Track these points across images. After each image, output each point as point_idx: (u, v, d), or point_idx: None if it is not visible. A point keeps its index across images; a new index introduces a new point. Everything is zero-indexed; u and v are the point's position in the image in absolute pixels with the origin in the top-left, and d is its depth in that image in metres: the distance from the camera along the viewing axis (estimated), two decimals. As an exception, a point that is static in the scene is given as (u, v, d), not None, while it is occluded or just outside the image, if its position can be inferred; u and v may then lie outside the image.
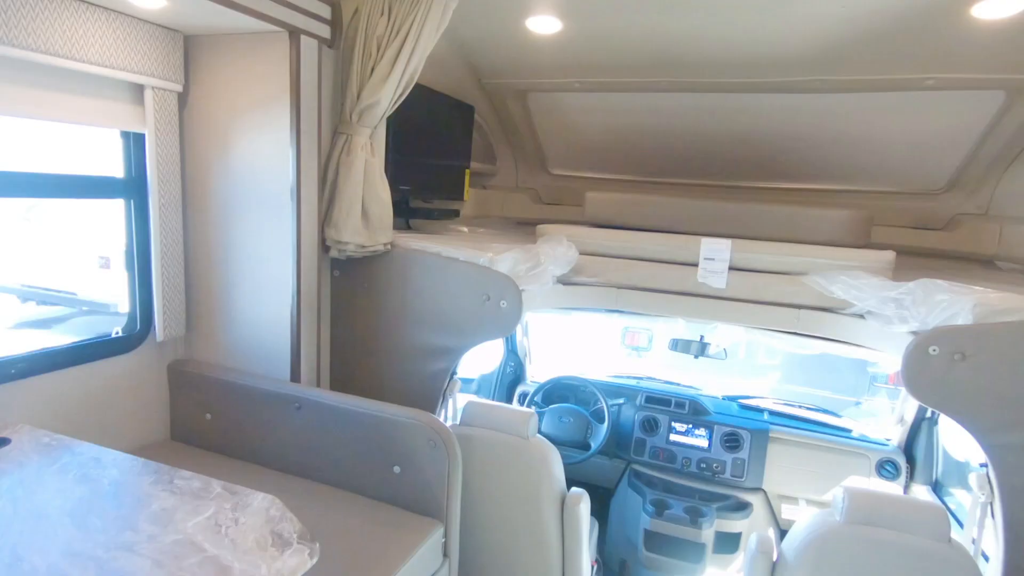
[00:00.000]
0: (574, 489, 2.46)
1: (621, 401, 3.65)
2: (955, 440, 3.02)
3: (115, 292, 7.41)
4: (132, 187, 2.33)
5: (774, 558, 2.09)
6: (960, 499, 2.96)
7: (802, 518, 2.07)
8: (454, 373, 2.68)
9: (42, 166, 2.11)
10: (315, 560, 1.37)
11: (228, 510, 1.52)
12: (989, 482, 1.94)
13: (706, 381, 4.13)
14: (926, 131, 2.83)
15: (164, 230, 2.36)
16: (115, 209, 2.37)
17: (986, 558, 2.16)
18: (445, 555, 2.21)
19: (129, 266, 2.40)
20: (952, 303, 1.90)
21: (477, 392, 4.21)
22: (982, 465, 2.00)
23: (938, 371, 1.87)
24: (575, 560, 2.46)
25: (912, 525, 1.87)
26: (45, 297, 7.48)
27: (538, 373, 4.32)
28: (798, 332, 2.70)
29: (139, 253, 2.39)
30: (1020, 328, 1.79)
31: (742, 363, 9.89)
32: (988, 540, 2.09)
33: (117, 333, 2.39)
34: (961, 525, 2.49)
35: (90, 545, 1.35)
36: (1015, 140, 2.69)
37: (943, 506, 1.94)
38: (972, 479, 2.09)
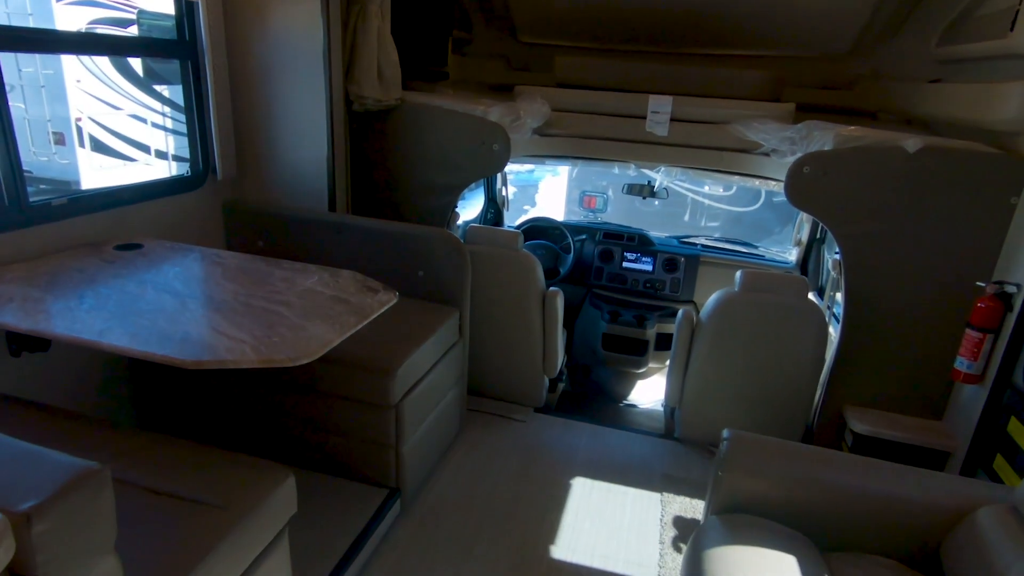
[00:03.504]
0: (552, 287, 3.27)
1: (583, 237, 4.44)
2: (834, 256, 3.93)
3: (72, 169, 7.41)
4: (187, 49, 2.80)
5: (694, 323, 2.98)
6: (837, 299, 3.93)
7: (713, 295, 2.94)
8: (455, 207, 3.37)
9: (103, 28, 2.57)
10: (397, 299, 2.11)
11: (327, 277, 2.23)
12: (840, 264, 2.81)
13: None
14: (831, 2, 3.44)
15: (217, 86, 2.87)
16: (70, 82, 2.79)
17: (837, 320, 3.10)
18: (460, 334, 3.02)
19: (188, 117, 2.92)
20: (822, 136, 2.66)
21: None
22: (836, 253, 2.86)
23: (809, 184, 2.66)
24: (553, 341, 3.32)
25: (782, 290, 2.76)
26: (-5, 176, 7.47)
27: (512, 222, 5.05)
28: (722, 169, 3.47)
29: (196, 107, 2.90)
30: (863, 151, 2.57)
31: (685, 226, 10.91)
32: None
33: (187, 172, 2.95)
34: (821, 300, 3.45)
35: (249, 290, 2.05)
36: (898, 12, 3.36)
37: (802, 277, 2.82)
38: (830, 263, 2.97)
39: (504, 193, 4.84)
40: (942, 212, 2.55)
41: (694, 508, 2.74)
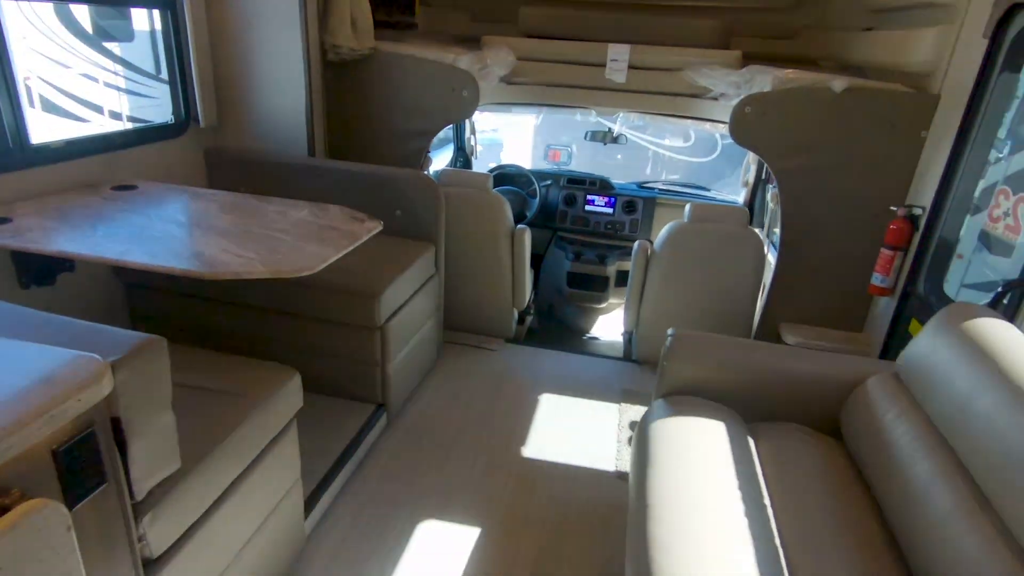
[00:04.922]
0: (520, 225, 3.54)
1: (549, 183, 4.70)
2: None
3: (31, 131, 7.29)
4: (165, -2, 2.92)
5: (649, 253, 3.29)
6: (776, 231, 4.28)
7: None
8: (427, 152, 3.58)
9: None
10: (381, 227, 2.35)
11: (316, 210, 2.46)
12: (777, 195, 3.13)
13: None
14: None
15: (197, 36, 3.00)
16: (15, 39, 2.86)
17: (776, 248, 3.45)
18: (436, 268, 3.27)
19: (170, 66, 3.05)
20: (762, 79, 2.94)
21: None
22: (774, 185, 3.19)
23: (750, 123, 2.95)
24: (521, 275, 3.61)
25: (725, 219, 3.09)
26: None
27: (480, 168, 5.27)
28: (676, 114, 3.74)
29: (177, 56, 3.03)
30: (796, 92, 2.86)
31: (647, 179, 11.25)
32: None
33: (171, 120, 3.10)
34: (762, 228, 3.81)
35: (247, 221, 2.27)
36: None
37: (743, 207, 3.14)
38: (770, 195, 3.29)
39: (472, 142, 5.05)
40: (864, 145, 2.87)
41: (649, 415, 3.10)
